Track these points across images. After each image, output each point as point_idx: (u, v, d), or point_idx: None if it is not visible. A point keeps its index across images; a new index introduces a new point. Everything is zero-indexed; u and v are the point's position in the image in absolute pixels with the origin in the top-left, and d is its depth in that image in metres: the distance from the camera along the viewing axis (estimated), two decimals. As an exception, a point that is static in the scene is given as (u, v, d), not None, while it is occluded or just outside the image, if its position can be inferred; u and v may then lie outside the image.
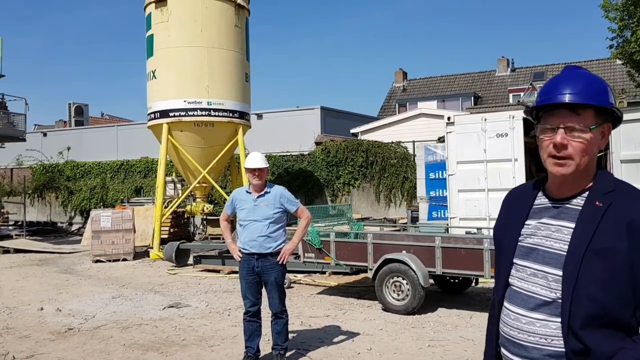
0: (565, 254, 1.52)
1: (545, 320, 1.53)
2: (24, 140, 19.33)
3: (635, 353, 1.41)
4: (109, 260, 12.38)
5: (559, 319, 1.49)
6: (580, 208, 1.55)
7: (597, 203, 1.51)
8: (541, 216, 1.62)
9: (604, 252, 1.45)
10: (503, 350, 1.65)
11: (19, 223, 19.16)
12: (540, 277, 1.56)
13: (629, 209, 1.46)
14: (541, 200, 1.65)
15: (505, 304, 1.65)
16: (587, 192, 1.56)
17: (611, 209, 1.48)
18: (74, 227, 21.03)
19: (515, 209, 1.71)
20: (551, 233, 1.57)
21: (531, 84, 25.07)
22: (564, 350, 1.48)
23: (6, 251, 14.23)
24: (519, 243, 1.64)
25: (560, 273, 1.51)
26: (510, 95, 29.10)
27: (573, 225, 1.53)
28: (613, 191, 1.52)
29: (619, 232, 1.44)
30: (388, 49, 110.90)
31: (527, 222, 1.64)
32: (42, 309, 7.68)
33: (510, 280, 1.65)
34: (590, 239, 1.47)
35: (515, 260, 1.64)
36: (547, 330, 1.52)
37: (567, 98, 1.54)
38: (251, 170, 5.04)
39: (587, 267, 1.46)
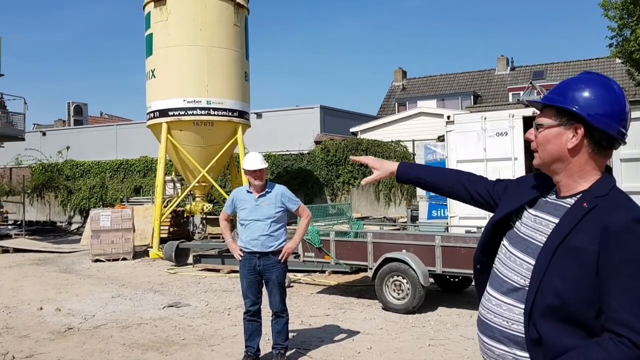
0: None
1: (511, 305, 1.60)
2: (23, 139, 19.29)
3: (589, 353, 1.40)
4: (109, 260, 12.38)
5: (523, 306, 1.55)
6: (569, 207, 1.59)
7: (584, 204, 1.54)
8: (538, 209, 1.67)
9: (575, 250, 1.48)
10: (477, 329, 1.74)
11: (18, 222, 19.14)
12: (517, 264, 1.63)
13: (608, 214, 1.48)
14: (550, 195, 1.69)
15: (487, 287, 1.72)
16: (581, 194, 1.58)
17: (594, 211, 1.50)
18: (74, 227, 20.99)
19: (529, 188, 1.75)
20: (539, 226, 1.62)
21: (531, 83, 25.02)
22: (520, 335, 1.56)
23: (5, 251, 14.20)
24: (516, 231, 1.69)
25: (533, 262, 1.56)
26: (510, 94, 29.13)
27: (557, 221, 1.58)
28: (605, 195, 1.53)
29: (594, 235, 1.46)
30: (387, 47, 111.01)
31: (530, 210, 1.69)
32: (41, 308, 7.67)
33: (495, 262, 1.73)
34: (566, 235, 1.51)
35: (505, 244, 1.70)
36: (510, 315, 1.60)
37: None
38: (251, 172, 5.02)
39: (558, 261, 1.50)
